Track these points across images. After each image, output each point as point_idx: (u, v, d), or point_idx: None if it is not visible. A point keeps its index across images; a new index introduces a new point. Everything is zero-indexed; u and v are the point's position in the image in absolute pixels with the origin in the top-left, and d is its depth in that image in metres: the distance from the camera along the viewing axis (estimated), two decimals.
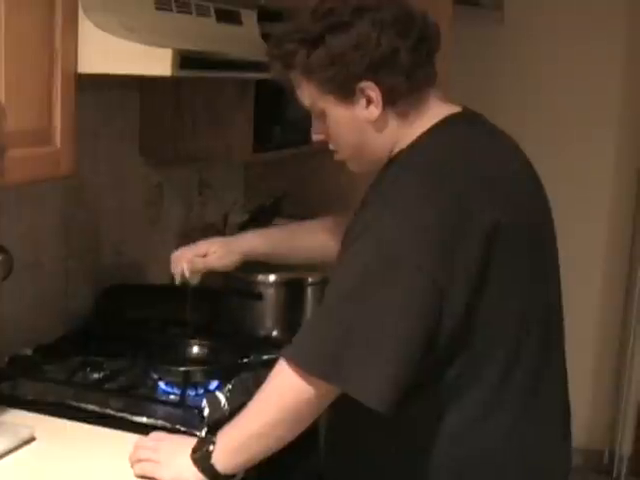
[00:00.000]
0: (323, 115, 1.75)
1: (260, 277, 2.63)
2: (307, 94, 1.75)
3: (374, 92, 1.67)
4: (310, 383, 1.59)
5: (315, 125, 1.81)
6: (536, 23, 4.01)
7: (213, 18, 2.29)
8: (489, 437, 1.68)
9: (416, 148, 1.69)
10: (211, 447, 1.69)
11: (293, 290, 2.66)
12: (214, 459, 1.68)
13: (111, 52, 1.85)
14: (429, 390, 1.65)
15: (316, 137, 1.82)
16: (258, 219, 3.17)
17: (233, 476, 1.70)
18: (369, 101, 1.68)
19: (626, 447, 4.21)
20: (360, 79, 1.66)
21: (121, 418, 2.00)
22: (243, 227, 3.15)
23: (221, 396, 2.03)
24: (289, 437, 1.67)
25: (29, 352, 2.29)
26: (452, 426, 1.66)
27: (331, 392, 1.61)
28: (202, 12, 2.24)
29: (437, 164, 1.64)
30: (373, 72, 1.65)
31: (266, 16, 2.56)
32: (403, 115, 1.71)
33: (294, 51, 1.70)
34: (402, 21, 1.67)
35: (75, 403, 2.05)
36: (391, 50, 1.64)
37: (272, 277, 2.63)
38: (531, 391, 1.71)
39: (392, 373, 1.54)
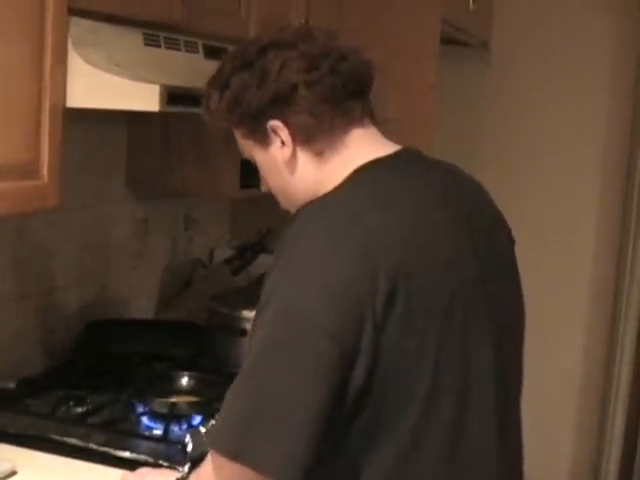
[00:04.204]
0: (253, 160, 1.71)
1: (244, 313, 2.62)
2: (238, 142, 1.72)
3: (283, 131, 1.60)
4: (222, 465, 1.49)
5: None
6: (522, 63, 4.04)
7: (201, 54, 2.31)
8: None
9: (323, 200, 1.58)
10: None
11: None
12: None
13: (100, 87, 1.86)
14: (340, 447, 1.51)
15: (262, 188, 1.79)
16: (244, 255, 3.17)
17: None
18: (283, 142, 1.62)
19: None
20: (267, 118, 1.61)
21: (104, 453, 1.99)
22: (229, 262, 3.16)
23: (204, 431, 2.02)
24: None
25: (12, 385, 2.28)
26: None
27: (245, 473, 1.46)
28: (191, 48, 2.26)
29: (341, 218, 1.51)
30: (277, 110, 1.59)
31: None
32: (319, 154, 1.62)
33: (209, 95, 1.68)
34: (310, 56, 1.59)
35: (57, 437, 2.04)
36: (290, 85, 1.58)
37: None
38: (447, 458, 1.54)
39: (298, 445, 1.42)
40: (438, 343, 1.50)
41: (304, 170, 1.63)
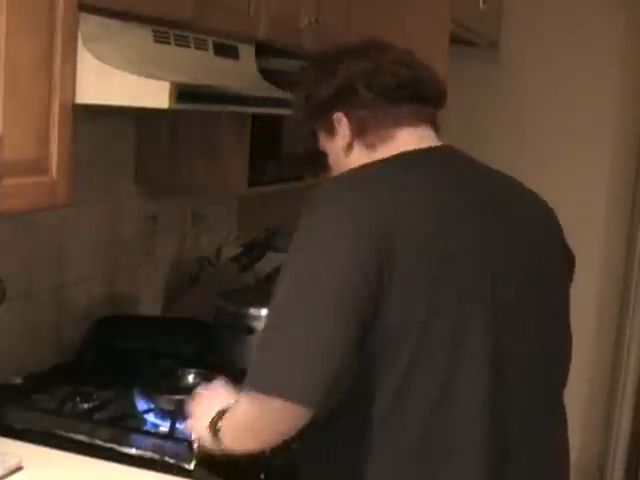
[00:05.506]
0: (327, 152, 1.89)
1: (251, 311, 2.62)
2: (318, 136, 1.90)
3: (343, 122, 1.80)
4: (253, 401, 1.62)
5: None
6: (531, 64, 4.03)
7: (211, 52, 2.31)
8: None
9: (331, 181, 1.79)
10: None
11: None
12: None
13: (109, 84, 1.86)
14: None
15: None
16: (251, 253, 3.18)
17: None
18: (344, 132, 1.82)
19: None
20: (332, 110, 1.81)
21: (109, 449, 2.00)
22: (236, 260, 3.16)
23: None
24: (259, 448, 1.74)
25: (19, 381, 2.28)
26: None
27: (280, 406, 1.57)
28: (200, 46, 2.26)
29: (350, 197, 1.66)
30: (340, 103, 1.80)
31: (264, 51, 2.58)
32: (371, 147, 1.80)
33: (295, 94, 1.94)
34: (377, 62, 1.79)
35: (64, 433, 2.04)
36: (352, 83, 1.78)
37: (264, 311, 2.62)
38: (428, 425, 1.64)
39: (319, 370, 1.54)
40: (423, 322, 1.60)
41: (357, 159, 1.80)
